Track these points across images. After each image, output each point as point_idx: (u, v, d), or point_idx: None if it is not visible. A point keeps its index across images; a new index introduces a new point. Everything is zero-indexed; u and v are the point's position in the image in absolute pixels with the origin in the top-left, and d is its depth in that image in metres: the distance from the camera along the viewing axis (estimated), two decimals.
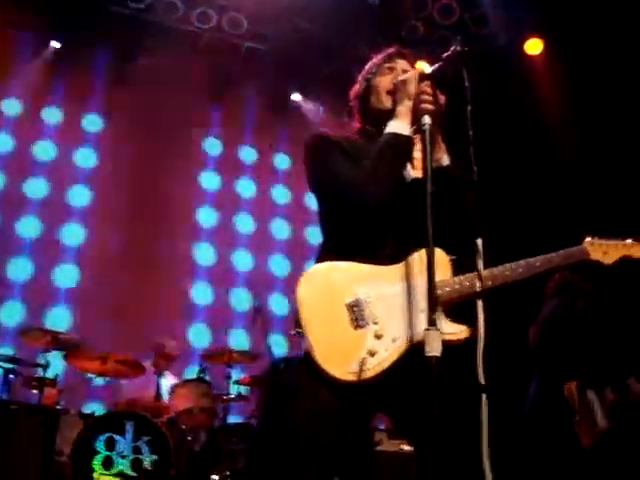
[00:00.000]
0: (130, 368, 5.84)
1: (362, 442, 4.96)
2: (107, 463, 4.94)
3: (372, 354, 2.16)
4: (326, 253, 2.38)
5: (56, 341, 5.51)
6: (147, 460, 5.05)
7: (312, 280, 2.28)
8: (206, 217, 8.57)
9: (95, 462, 4.92)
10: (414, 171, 2.46)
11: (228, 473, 5.31)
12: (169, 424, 5.50)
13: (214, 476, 5.31)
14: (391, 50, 2.65)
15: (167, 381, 6.29)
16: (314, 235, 8.59)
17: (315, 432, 2.18)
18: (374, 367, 2.15)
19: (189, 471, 5.32)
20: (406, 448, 4.96)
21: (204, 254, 8.40)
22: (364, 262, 2.29)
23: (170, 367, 6.58)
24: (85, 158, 8.16)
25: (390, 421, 2.68)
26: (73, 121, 8.17)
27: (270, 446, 2.32)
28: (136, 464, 5.01)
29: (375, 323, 2.20)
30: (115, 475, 4.93)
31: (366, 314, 2.21)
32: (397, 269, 2.29)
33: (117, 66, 8.27)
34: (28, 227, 7.67)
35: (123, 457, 5.01)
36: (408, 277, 2.26)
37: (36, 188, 7.82)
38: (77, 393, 6.44)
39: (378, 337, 2.18)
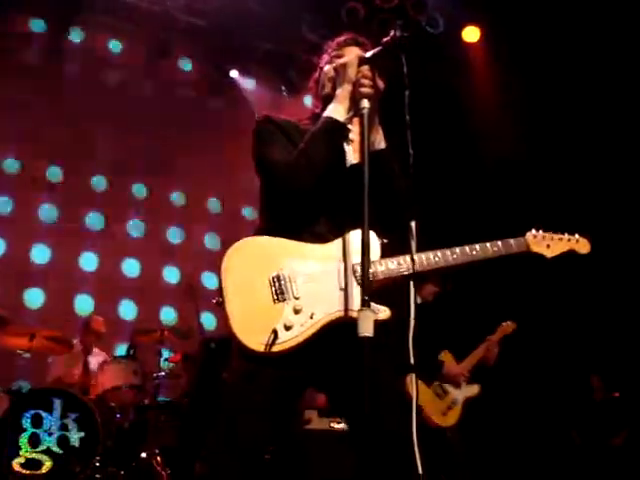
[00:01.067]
0: (58, 345, 5.74)
1: (292, 419, 5.03)
2: (34, 440, 4.87)
3: (287, 328, 2.18)
4: (260, 230, 2.40)
5: None
6: (74, 437, 5.00)
7: (240, 251, 2.29)
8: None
9: (22, 439, 4.85)
10: (354, 154, 2.50)
11: (157, 450, 5.30)
12: (97, 401, 5.45)
13: (143, 453, 5.29)
14: (344, 37, 2.65)
15: (95, 358, 6.20)
16: (248, 211, 8.73)
17: (244, 408, 2.22)
18: (287, 341, 2.18)
19: (118, 448, 5.28)
20: (336, 426, 5.03)
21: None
22: (296, 240, 2.32)
23: (98, 344, 6.49)
24: None
25: (324, 398, 2.72)
26: None
27: (201, 424, 2.34)
28: (63, 441, 4.95)
29: (296, 298, 2.23)
30: (42, 452, 4.86)
31: (288, 288, 2.24)
32: (328, 248, 2.32)
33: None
34: None
35: (50, 434, 4.95)
36: (338, 256, 2.30)
37: None
38: (3, 370, 6.32)
39: (296, 312, 2.21)
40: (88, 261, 7.88)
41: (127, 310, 7.94)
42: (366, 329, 1.99)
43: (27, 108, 7.66)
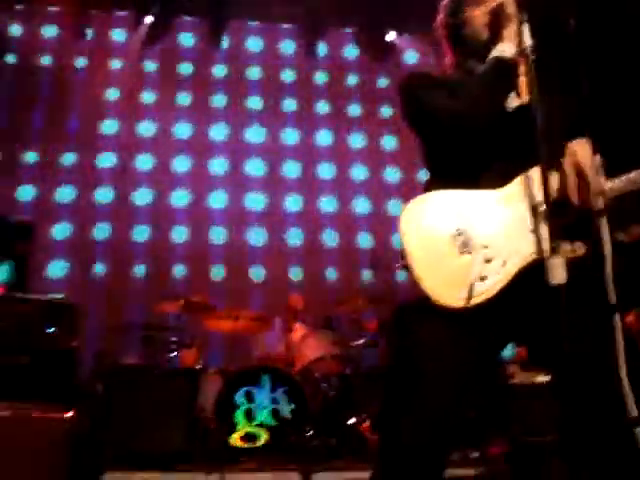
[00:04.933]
0: (261, 324, 6.04)
1: (495, 374, 4.93)
2: (248, 415, 5.17)
3: (482, 279, 2.11)
4: (432, 186, 2.33)
5: (188, 305, 5.75)
6: (285, 409, 5.24)
7: (416, 209, 2.22)
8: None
9: (238, 415, 5.16)
10: (517, 98, 2.37)
11: (364, 417, 5.42)
12: (302, 374, 5.68)
13: (351, 420, 5.44)
14: None
15: (296, 333, 6.46)
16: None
17: (444, 367, 2.17)
18: (484, 292, 2.10)
19: (326, 417, 5.47)
20: (539, 379, 4.87)
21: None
22: (471, 188, 2.24)
23: (297, 319, 6.75)
24: None
25: (525, 350, 2.64)
26: None
27: (401, 387, 2.33)
28: (276, 414, 5.21)
29: (485, 247, 2.15)
30: (257, 426, 5.14)
31: (474, 239, 2.15)
32: (508, 191, 2.21)
33: None
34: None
35: (263, 408, 5.22)
36: (520, 198, 2.19)
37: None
38: (212, 351, 6.77)
39: (488, 261, 2.12)
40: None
41: (330, 275, 8.26)
42: (558, 276, 1.88)
43: None
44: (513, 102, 2.36)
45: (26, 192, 8.05)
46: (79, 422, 4.54)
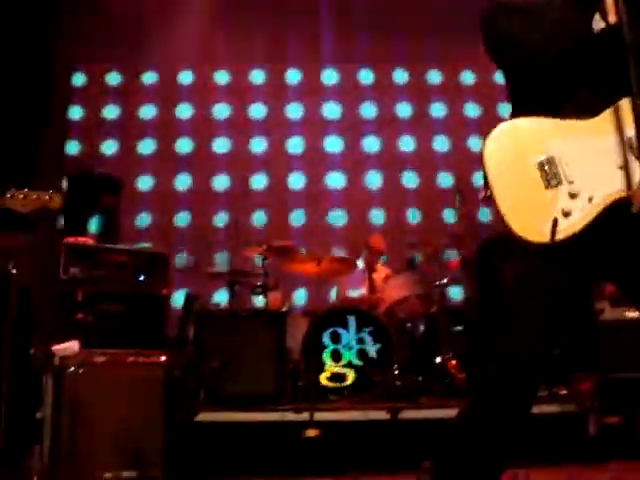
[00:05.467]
0: (343, 266, 6.08)
1: (584, 309, 4.84)
2: (335, 356, 5.25)
3: (566, 214, 2.04)
4: (516, 115, 2.26)
5: (271, 249, 5.83)
6: (371, 349, 5.30)
7: (499, 139, 2.13)
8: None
9: (325, 355, 5.25)
10: (602, 21, 2.25)
11: (451, 355, 5.43)
12: (387, 314, 5.72)
13: (437, 359, 5.46)
14: None
15: (379, 274, 6.48)
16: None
17: (534, 301, 2.14)
18: (567, 228, 2.03)
19: (413, 356, 5.51)
20: (630, 315, 4.75)
21: None
22: (557, 117, 2.14)
23: (379, 260, 6.76)
24: None
25: (614, 287, 2.56)
26: None
27: (490, 323, 2.32)
28: (362, 354, 5.28)
29: (570, 182, 2.07)
30: (344, 366, 5.23)
31: (560, 172, 2.07)
32: (596, 123, 2.11)
33: None
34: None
35: (349, 349, 5.29)
36: (609, 131, 2.09)
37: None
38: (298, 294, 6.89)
39: (573, 196, 2.05)
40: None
41: (411, 216, 8.26)
42: None
43: None
44: (599, 25, 2.25)
45: (109, 147, 8.27)
46: (172, 366, 4.72)
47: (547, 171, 2.08)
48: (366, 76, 8.76)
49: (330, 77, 8.71)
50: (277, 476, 4.23)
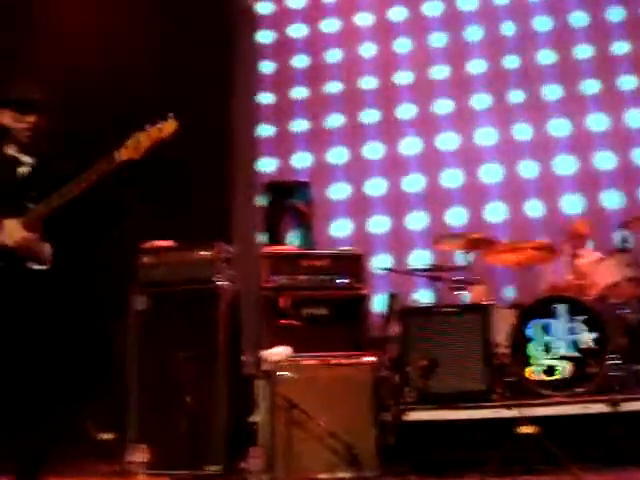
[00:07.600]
0: (545, 253, 5.86)
1: None
2: (546, 348, 5.03)
3: None
4: None
5: (469, 242, 5.74)
6: (585, 339, 5.00)
7: None
8: None
9: (533, 348, 5.05)
10: None
11: None
12: (598, 300, 5.43)
13: None
14: None
15: (586, 259, 6.20)
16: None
17: None
18: None
19: (630, 344, 5.15)
20: None
21: None
22: None
23: (584, 245, 6.47)
24: None
25: None
26: None
27: None
28: (574, 344, 5.01)
29: None
30: (555, 358, 4.99)
31: None
32: None
33: None
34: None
35: (560, 340, 5.04)
36: None
37: None
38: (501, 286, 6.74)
39: None
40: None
41: (610, 201, 7.80)
42: None
43: None
44: None
45: (301, 158, 8.54)
46: (380, 365, 4.79)
47: None
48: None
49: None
50: (490, 475, 4.14)
